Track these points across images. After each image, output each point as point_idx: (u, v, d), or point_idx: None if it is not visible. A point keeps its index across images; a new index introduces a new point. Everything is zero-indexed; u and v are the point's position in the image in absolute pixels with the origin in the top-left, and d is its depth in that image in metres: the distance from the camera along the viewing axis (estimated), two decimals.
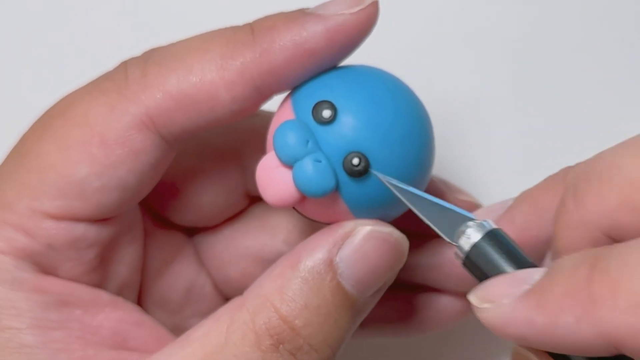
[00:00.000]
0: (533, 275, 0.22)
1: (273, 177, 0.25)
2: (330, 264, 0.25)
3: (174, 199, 0.30)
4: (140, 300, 0.30)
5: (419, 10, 0.36)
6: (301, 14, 0.26)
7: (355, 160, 0.25)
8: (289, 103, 0.26)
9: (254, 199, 0.31)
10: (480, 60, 0.39)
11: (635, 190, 0.22)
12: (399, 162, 0.25)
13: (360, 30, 0.26)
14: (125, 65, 0.26)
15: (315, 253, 0.25)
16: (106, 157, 0.26)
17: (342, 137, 0.25)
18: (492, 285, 0.23)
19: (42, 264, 0.26)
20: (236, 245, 0.31)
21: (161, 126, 0.26)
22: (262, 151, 0.28)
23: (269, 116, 0.28)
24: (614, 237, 0.23)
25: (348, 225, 0.25)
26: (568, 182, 0.24)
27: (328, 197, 0.25)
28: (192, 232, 0.32)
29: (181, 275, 0.31)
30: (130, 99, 0.26)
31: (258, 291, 0.25)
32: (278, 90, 0.26)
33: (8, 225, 0.25)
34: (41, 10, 0.39)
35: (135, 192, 0.26)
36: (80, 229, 0.26)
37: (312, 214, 0.26)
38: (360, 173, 0.25)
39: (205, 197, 0.30)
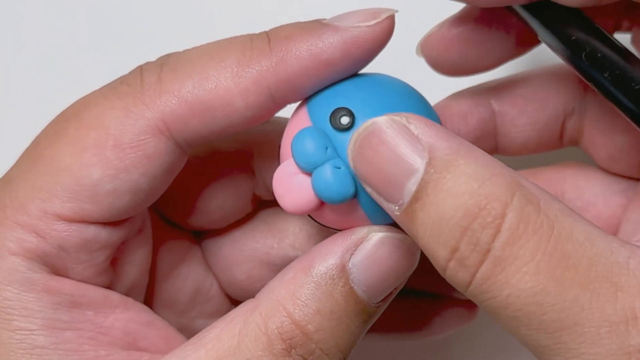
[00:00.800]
0: None
1: (291, 184, 0.25)
2: (342, 270, 0.25)
3: (183, 202, 0.30)
4: (147, 301, 0.30)
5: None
6: (318, 25, 0.26)
7: None
8: (304, 111, 0.26)
9: (261, 203, 0.32)
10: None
11: None
12: None
13: (376, 42, 0.26)
14: (140, 70, 0.27)
15: (328, 258, 0.25)
16: (120, 160, 0.26)
17: None
18: None
19: (53, 265, 0.26)
20: (243, 248, 0.31)
21: (176, 132, 0.26)
22: (272, 156, 0.29)
23: (279, 122, 0.29)
24: None
25: (361, 231, 0.25)
26: None
27: (346, 204, 0.25)
28: (199, 235, 0.32)
29: (189, 277, 0.31)
30: (146, 103, 0.26)
31: (271, 295, 0.25)
32: (293, 100, 0.27)
33: (19, 227, 0.26)
34: (51, 12, 0.40)
35: (147, 196, 0.27)
36: (92, 231, 0.26)
37: (328, 221, 0.26)
38: None
39: (215, 201, 0.30)
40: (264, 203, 0.32)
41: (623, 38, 0.29)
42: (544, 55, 0.31)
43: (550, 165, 0.32)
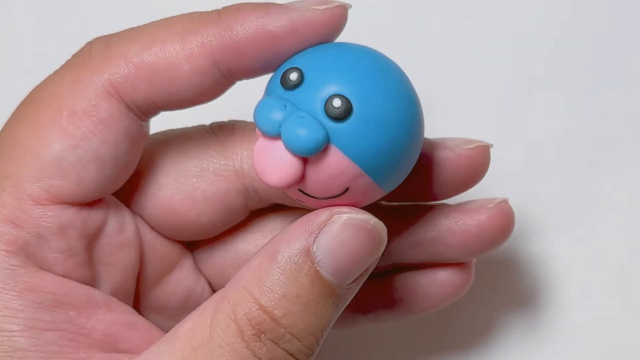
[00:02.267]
0: None
1: (267, 156, 0.25)
2: (307, 254, 0.25)
3: (170, 218, 0.30)
4: (137, 306, 0.30)
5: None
6: (269, 3, 0.27)
7: (336, 102, 0.25)
8: (263, 95, 0.26)
9: (253, 213, 0.32)
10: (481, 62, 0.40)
11: None
12: (381, 97, 0.25)
13: (324, 27, 0.26)
14: (90, 43, 0.27)
15: (292, 243, 0.25)
16: (77, 128, 0.26)
17: (315, 89, 0.25)
18: None
19: (34, 256, 0.26)
20: (235, 251, 0.32)
21: (124, 94, 0.27)
22: None
23: None
24: None
25: (324, 213, 0.25)
26: None
27: (326, 154, 0.25)
28: (191, 243, 0.32)
29: (179, 284, 0.31)
30: (93, 70, 0.26)
31: (238, 283, 0.25)
32: (237, 71, 0.27)
33: None
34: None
35: (113, 167, 0.27)
36: (67, 215, 0.27)
37: (318, 185, 0.25)
38: (345, 112, 0.25)
39: (205, 217, 0.30)
40: (255, 212, 0.32)
41: None
42: None
43: None
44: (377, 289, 0.33)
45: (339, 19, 0.27)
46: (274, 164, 0.25)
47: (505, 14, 0.40)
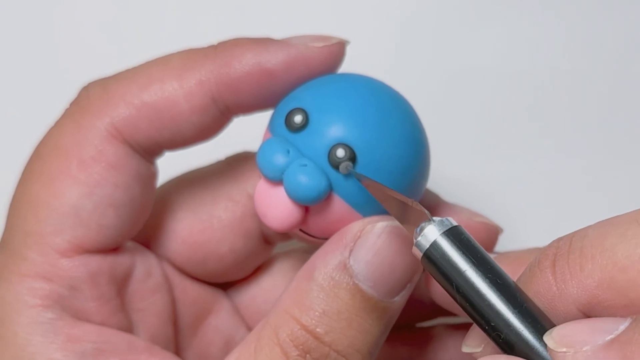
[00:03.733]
0: (617, 324, 0.21)
1: (268, 200, 0.25)
2: (344, 268, 0.24)
3: (193, 251, 0.30)
4: (181, 358, 0.30)
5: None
6: (267, 39, 0.27)
7: (340, 152, 0.24)
8: (266, 131, 0.26)
9: (280, 252, 0.31)
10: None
11: (617, 271, 0.21)
12: (385, 145, 0.25)
13: (322, 64, 0.27)
14: (86, 88, 0.27)
15: (327, 259, 0.25)
16: (88, 176, 0.26)
17: (319, 136, 0.25)
18: (572, 330, 0.22)
19: (70, 308, 0.26)
20: (275, 296, 0.30)
21: (128, 136, 0.26)
22: None
23: None
24: (587, 313, 0.22)
25: (357, 225, 0.25)
26: (546, 252, 0.23)
27: (328, 202, 0.25)
28: (226, 285, 0.32)
29: (219, 330, 0.31)
30: (94, 114, 0.26)
31: (278, 307, 0.25)
32: (235, 108, 0.27)
33: (27, 277, 0.26)
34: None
35: (130, 211, 0.27)
36: (94, 262, 0.26)
37: (320, 229, 0.26)
38: (349, 163, 0.24)
39: (226, 245, 0.30)
40: (284, 251, 0.32)
41: None
42: None
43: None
44: (414, 342, 0.32)
45: (337, 56, 0.27)
46: (276, 208, 0.25)
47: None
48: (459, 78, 0.40)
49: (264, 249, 0.31)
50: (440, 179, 0.30)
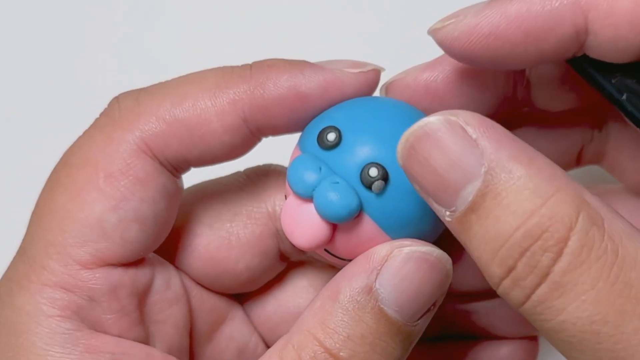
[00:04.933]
0: None
1: (297, 216, 0.25)
2: (369, 291, 0.24)
3: (209, 267, 0.29)
4: None
5: None
6: (303, 62, 0.26)
7: (373, 171, 0.24)
8: (296, 148, 0.26)
9: (293, 263, 0.31)
10: None
11: None
12: None
13: (357, 90, 0.26)
14: (117, 99, 0.27)
15: (353, 282, 0.24)
16: (115, 189, 0.26)
17: (352, 154, 0.25)
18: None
19: (88, 319, 0.26)
20: (287, 306, 0.31)
21: (157, 151, 0.26)
22: None
23: None
24: None
25: (384, 248, 0.24)
26: None
27: (357, 222, 0.25)
28: (239, 295, 0.31)
29: (232, 338, 0.31)
30: (125, 127, 0.26)
31: (301, 326, 0.25)
32: (266, 129, 0.27)
33: (47, 287, 0.26)
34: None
35: (153, 226, 0.27)
36: (115, 275, 0.26)
37: (346, 249, 0.25)
38: (380, 184, 0.24)
39: (242, 263, 0.29)
40: (296, 263, 0.31)
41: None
42: None
43: None
44: (432, 356, 0.32)
45: (372, 83, 0.27)
46: (304, 226, 0.25)
47: None
48: None
49: (280, 265, 0.31)
50: None
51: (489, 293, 0.30)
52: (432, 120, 0.22)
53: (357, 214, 0.24)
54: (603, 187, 0.32)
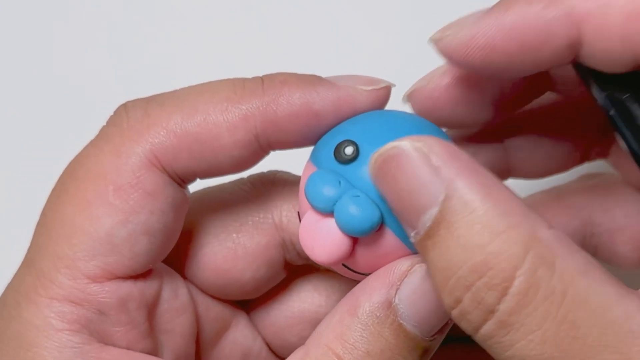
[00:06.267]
0: None
1: (317, 232, 0.24)
2: (389, 307, 0.24)
3: (215, 277, 0.29)
4: None
5: None
6: (315, 78, 0.26)
7: None
8: (309, 163, 0.26)
9: (296, 268, 0.31)
10: None
11: None
12: None
13: (368, 107, 0.26)
14: (125, 108, 0.26)
15: (373, 296, 0.24)
16: (124, 203, 0.25)
17: None
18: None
19: (97, 333, 0.26)
20: (291, 310, 0.31)
21: (167, 165, 0.26)
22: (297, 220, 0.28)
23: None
24: None
25: (404, 263, 0.24)
26: None
27: (377, 235, 0.24)
28: (244, 301, 0.31)
29: (236, 342, 0.30)
30: (134, 139, 0.26)
31: (319, 340, 0.24)
32: (276, 145, 0.26)
33: (55, 301, 0.25)
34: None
35: (162, 237, 0.26)
36: (124, 288, 0.26)
37: (366, 263, 0.25)
38: None
39: (248, 274, 0.29)
40: (299, 268, 0.31)
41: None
42: None
43: (574, 184, 0.32)
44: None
45: (384, 99, 0.27)
46: (324, 241, 0.24)
47: None
48: None
49: (284, 273, 0.31)
50: None
51: None
52: (400, 144, 0.23)
53: (378, 227, 0.24)
54: (603, 176, 0.32)
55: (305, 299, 0.31)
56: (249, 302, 0.31)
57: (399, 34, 0.40)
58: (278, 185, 0.29)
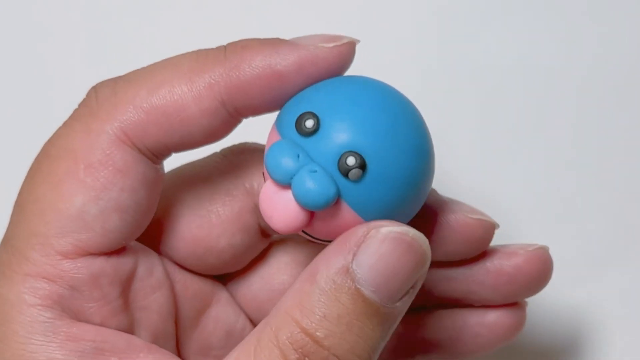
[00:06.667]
0: None
1: (275, 202, 0.25)
2: (347, 272, 0.24)
3: (192, 247, 0.30)
4: (180, 352, 0.30)
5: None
6: (277, 40, 0.26)
7: (350, 160, 0.24)
8: (274, 129, 0.26)
9: (275, 241, 0.32)
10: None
11: None
12: (395, 155, 0.25)
13: (332, 65, 0.26)
14: (94, 89, 0.27)
15: (330, 263, 0.24)
16: (95, 180, 0.26)
17: (330, 142, 0.24)
18: None
19: (70, 309, 0.26)
20: (272, 283, 0.31)
21: (136, 140, 0.26)
22: None
23: None
24: None
25: (361, 229, 0.25)
26: None
27: (334, 208, 0.25)
28: (223, 277, 0.32)
29: (219, 321, 0.31)
30: (103, 118, 0.26)
31: (280, 308, 0.25)
32: (244, 110, 0.27)
33: (29, 277, 0.26)
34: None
35: (134, 214, 0.27)
36: (97, 264, 0.26)
37: (323, 232, 0.26)
38: (358, 172, 0.24)
39: (224, 240, 0.30)
40: (278, 240, 0.32)
41: None
42: None
43: None
44: (419, 326, 0.32)
45: (347, 56, 0.26)
46: (282, 211, 0.25)
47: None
48: (460, 74, 0.40)
49: (262, 242, 0.31)
50: (439, 174, 0.31)
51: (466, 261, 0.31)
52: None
53: (334, 202, 0.25)
54: None
55: (284, 270, 0.31)
56: (229, 278, 0.32)
57: (399, 33, 0.41)
58: (247, 153, 0.30)
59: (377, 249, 0.24)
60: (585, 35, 0.40)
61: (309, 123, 0.25)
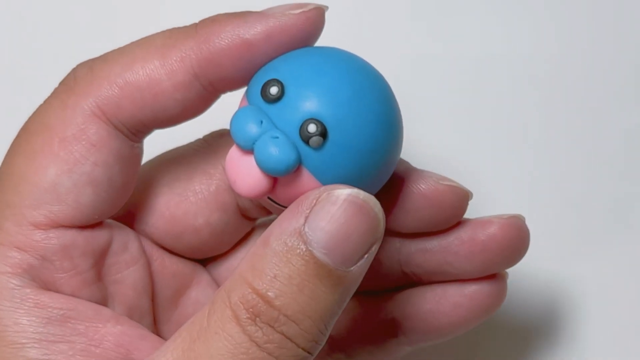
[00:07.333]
0: None
1: (238, 167, 0.25)
2: (299, 234, 0.24)
3: (170, 225, 0.30)
4: (159, 332, 0.31)
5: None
6: (245, 12, 0.27)
7: (312, 127, 0.25)
8: (244, 97, 0.27)
9: (257, 226, 0.32)
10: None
11: None
12: (357, 124, 0.25)
13: (301, 32, 0.27)
14: (74, 69, 0.28)
15: (283, 226, 0.25)
16: (69, 154, 0.27)
17: (293, 109, 0.25)
18: None
19: (40, 278, 0.27)
20: None
21: (111, 115, 0.27)
22: None
23: None
24: None
25: (314, 193, 0.25)
26: None
27: (296, 174, 0.25)
28: (205, 260, 0.32)
29: (199, 302, 0.31)
30: (79, 94, 0.27)
31: (235, 272, 0.25)
32: (218, 83, 0.27)
33: (2, 246, 0.27)
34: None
35: (108, 190, 0.27)
36: (69, 236, 0.27)
37: (287, 198, 0.26)
38: (319, 139, 0.25)
39: (201, 218, 0.30)
40: (261, 224, 0.32)
41: None
42: None
43: None
44: (399, 303, 0.32)
45: (316, 22, 0.27)
46: (245, 176, 0.25)
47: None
48: (439, 60, 0.40)
49: (242, 224, 0.31)
50: (415, 152, 0.30)
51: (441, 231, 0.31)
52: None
53: (296, 168, 0.25)
54: None
55: None
56: (211, 261, 0.32)
57: (399, 34, 0.41)
58: (227, 136, 0.30)
59: (328, 212, 0.25)
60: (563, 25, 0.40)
61: (273, 90, 0.25)
